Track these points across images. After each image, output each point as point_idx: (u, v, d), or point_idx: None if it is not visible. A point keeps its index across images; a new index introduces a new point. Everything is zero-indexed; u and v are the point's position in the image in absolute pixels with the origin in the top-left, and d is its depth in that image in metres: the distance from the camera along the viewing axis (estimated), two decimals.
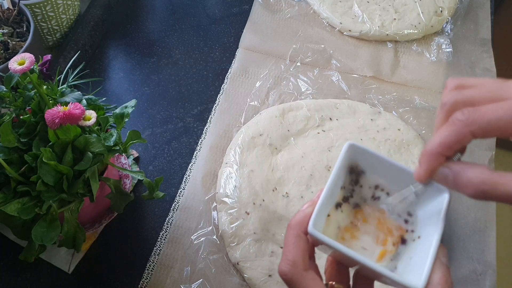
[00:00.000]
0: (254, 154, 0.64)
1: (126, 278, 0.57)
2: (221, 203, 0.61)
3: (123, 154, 0.62)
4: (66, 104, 0.46)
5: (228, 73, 0.76)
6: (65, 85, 0.58)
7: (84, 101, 0.52)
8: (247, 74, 0.75)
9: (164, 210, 0.62)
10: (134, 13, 0.84)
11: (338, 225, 0.37)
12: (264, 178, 0.63)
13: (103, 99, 0.58)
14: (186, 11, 0.85)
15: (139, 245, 0.60)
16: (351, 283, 0.37)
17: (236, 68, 0.76)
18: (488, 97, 0.30)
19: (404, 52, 0.80)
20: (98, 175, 0.49)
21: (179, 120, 0.71)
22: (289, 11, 0.84)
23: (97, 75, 0.75)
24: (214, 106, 0.72)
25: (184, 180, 0.64)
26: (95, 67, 0.76)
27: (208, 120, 0.70)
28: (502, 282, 0.62)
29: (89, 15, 0.78)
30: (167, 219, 0.61)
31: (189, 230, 0.60)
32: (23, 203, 0.46)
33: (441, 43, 0.81)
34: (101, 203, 0.57)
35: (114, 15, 0.83)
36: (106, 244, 0.59)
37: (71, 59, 0.65)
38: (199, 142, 0.68)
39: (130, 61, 0.77)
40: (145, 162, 0.67)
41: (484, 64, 0.80)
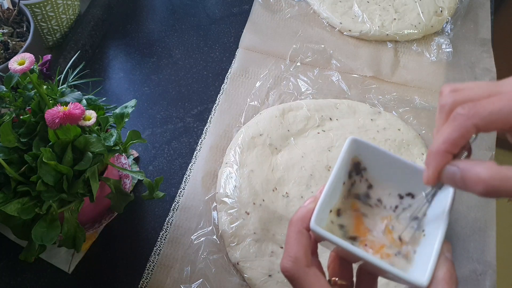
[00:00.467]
0: (254, 154, 0.64)
1: (126, 278, 0.57)
2: (221, 203, 0.61)
3: (123, 154, 0.62)
4: (66, 104, 0.46)
5: (228, 73, 0.76)
6: (65, 85, 0.58)
7: (84, 101, 0.52)
8: (247, 74, 0.75)
9: (164, 210, 0.62)
10: (134, 13, 0.84)
11: (340, 221, 0.37)
12: (264, 178, 0.63)
13: (103, 99, 0.57)
14: (186, 11, 0.85)
15: (139, 245, 0.60)
16: (354, 279, 0.37)
17: (236, 68, 0.76)
18: (485, 94, 0.30)
19: (404, 52, 0.80)
20: (98, 175, 0.49)
21: (179, 120, 0.71)
22: (289, 11, 0.84)
23: (97, 75, 0.75)
24: (214, 106, 0.72)
25: (184, 180, 0.64)
26: (95, 67, 0.76)
27: (208, 120, 0.70)
28: (502, 282, 0.62)
29: (89, 15, 0.78)
30: (167, 219, 0.61)
31: (189, 230, 0.60)
32: (23, 203, 0.46)
33: (441, 43, 0.81)
34: (101, 203, 0.57)
35: (114, 15, 0.83)
36: (106, 244, 0.59)
37: (71, 59, 0.65)
38: (199, 142, 0.68)
39: (130, 61, 0.77)
40: (145, 162, 0.67)
41: (484, 64, 0.80)
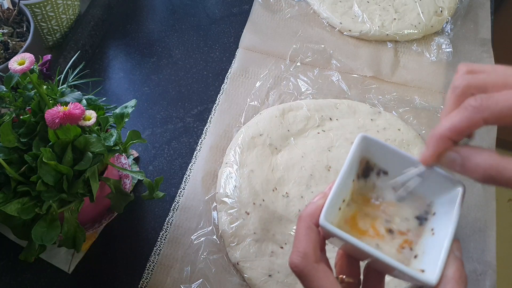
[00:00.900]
0: (254, 154, 0.64)
1: (126, 278, 0.57)
2: (221, 203, 0.61)
3: (123, 154, 0.62)
4: (66, 104, 0.46)
5: (228, 73, 0.76)
6: (65, 85, 0.57)
7: (84, 101, 0.52)
8: (247, 74, 0.75)
9: (164, 210, 0.62)
10: (134, 13, 0.84)
11: (349, 218, 0.37)
12: (264, 178, 0.62)
13: (103, 99, 0.57)
14: (186, 11, 0.85)
15: (139, 245, 0.60)
16: (361, 277, 0.37)
17: (236, 68, 0.76)
18: (500, 83, 0.30)
19: (404, 52, 0.80)
20: (98, 175, 0.49)
21: (179, 120, 0.71)
22: (289, 11, 0.84)
23: (97, 75, 0.75)
24: (214, 106, 0.72)
25: (184, 180, 0.64)
26: (95, 67, 0.76)
27: (208, 120, 0.70)
28: (502, 282, 0.62)
29: (89, 15, 0.78)
30: (167, 219, 0.61)
31: (189, 230, 0.60)
32: (23, 203, 0.46)
33: (441, 43, 0.81)
34: (101, 203, 0.57)
35: (114, 15, 0.83)
36: (106, 244, 0.59)
37: (71, 59, 0.65)
38: (199, 142, 0.68)
39: (130, 61, 0.77)
40: (145, 162, 0.67)
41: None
